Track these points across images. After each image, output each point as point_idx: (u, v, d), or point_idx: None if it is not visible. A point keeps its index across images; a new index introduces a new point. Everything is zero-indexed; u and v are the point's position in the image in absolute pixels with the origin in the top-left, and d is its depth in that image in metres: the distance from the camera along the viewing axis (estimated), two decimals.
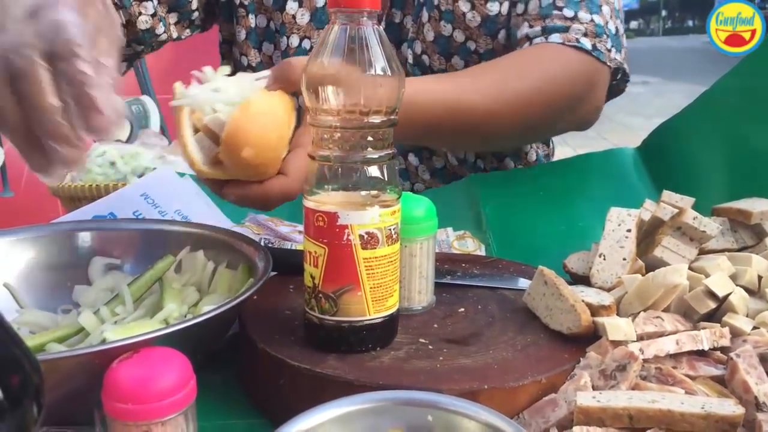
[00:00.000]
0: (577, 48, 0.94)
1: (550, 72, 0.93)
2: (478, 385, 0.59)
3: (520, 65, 0.94)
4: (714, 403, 0.53)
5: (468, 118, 0.88)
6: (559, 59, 0.94)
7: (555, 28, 0.95)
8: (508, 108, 0.91)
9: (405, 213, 0.70)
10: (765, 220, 0.79)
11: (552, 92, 0.94)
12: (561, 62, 0.94)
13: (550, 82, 0.93)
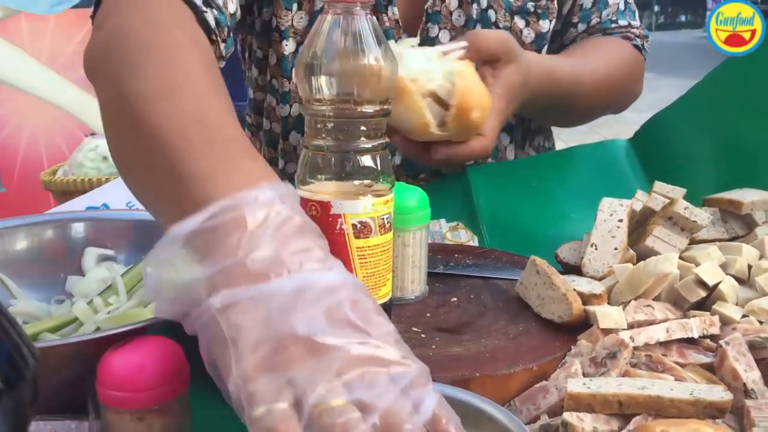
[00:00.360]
0: (634, 45, 1.11)
1: (623, 58, 1.09)
2: (470, 372, 0.60)
3: (605, 49, 1.07)
4: (703, 390, 0.54)
5: (581, 93, 1.00)
6: (625, 49, 1.09)
7: (614, 34, 1.11)
8: (604, 83, 1.04)
9: (398, 203, 0.71)
10: (755, 210, 0.80)
11: (623, 75, 1.08)
12: (627, 52, 1.10)
13: (624, 66, 1.08)
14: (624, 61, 1.10)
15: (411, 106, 0.74)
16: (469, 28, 1.02)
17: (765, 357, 0.62)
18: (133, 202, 0.94)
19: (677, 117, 1.00)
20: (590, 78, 1.00)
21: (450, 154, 0.79)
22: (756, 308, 0.66)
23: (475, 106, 0.75)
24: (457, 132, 0.77)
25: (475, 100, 0.75)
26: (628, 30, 1.10)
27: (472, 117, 0.75)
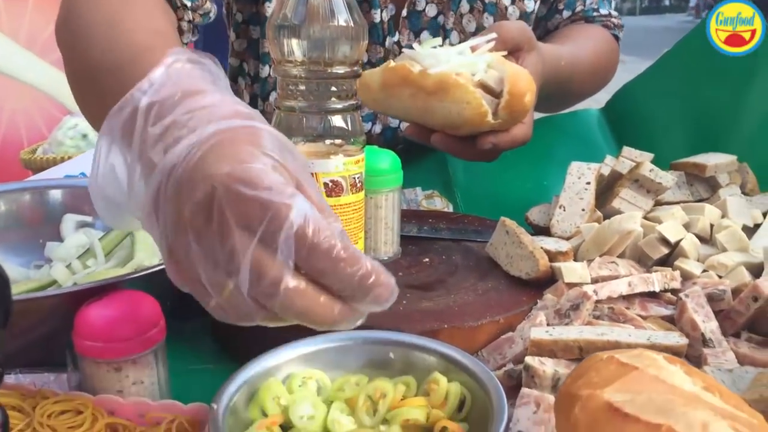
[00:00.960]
0: (612, 33, 1.15)
1: (606, 45, 1.12)
2: (438, 325, 0.61)
3: (591, 37, 1.11)
4: (659, 335, 0.56)
5: (577, 80, 1.02)
6: (606, 37, 1.14)
7: (595, 21, 1.15)
8: (593, 70, 1.07)
9: (370, 165, 0.72)
10: (719, 172, 0.82)
11: (607, 63, 1.12)
12: (608, 41, 1.14)
13: (606, 54, 1.12)
14: (606, 49, 1.13)
15: (464, 98, 0.73)
16: (454, 1, 1.03)
17: (723, 308, 0.64)
18: None
19: (646, 86, 1.02)
20: (584, 66, 1.02)
21: (496, 142, 0.79)
22: (715, 263, 0.68)
23: (527, 90, 0.75)
24: (508, 119, 0.77)
25: (525, 84, 0.75)
26: (608, 19, 1.14)
27: (525, 101, 0.76)
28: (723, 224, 0.73)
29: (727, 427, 0.28)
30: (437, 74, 0.72)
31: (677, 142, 0.95)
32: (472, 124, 0.76)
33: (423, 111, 0.76)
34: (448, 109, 0.74)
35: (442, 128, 0.80)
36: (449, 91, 0.72)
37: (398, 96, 0.75)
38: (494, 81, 0.75)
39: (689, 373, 0.34)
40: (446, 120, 0.77)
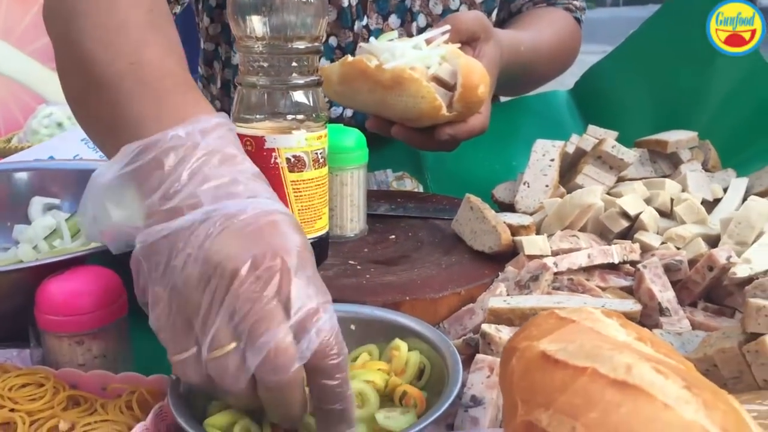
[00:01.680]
0: (574, 18, 1.16)
1: (567, 30, 1.13)
2: (400, 297, 0.62)
3: (552, 21, 1.12)
4: (614, 303, 0.57)
5: (538, 64, 1.04)
6: (568, 21, 1.14)
7: (557, 3, 1.16)
8: (554, 55, 1.08)
9: (335, 143, 0.73)
10: (680, 148, 0.84)
11: (569, 47, 1.13)
12: (570, 24, 1.14)
13: (568, 37, 1.12)
14: (568, 33, 1.14)
15: (419, 93, 0.75)
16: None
17: (680, 278, 0.65)
18: (80, 155, 0.94)
19: (612, 67, 1.03)
20: (545, 50, 1.04)
21: (453, 133, 0.81)
22: (674, 235, 0.70)
23: (480, 82, 0.77)
24: (463, 111, 0.79)
25: (478, 76, 0.77)
26: (570, 2, 1.15)
27: (479, 93, 0.77)
28: (682, 198, 0.74)
29: (649, 369, 0.29)
30: (392, 69, 0.74)
31: (643, 121, 0.97)
32: (428, 117, 0.77)
33: (381, 104, 0.78)
34: (405, 102, 0.76)
35: (401, 121, 0.82)
36: (404, 85, 0.74)
37: (357, 90, 0.76)
38: (448, 74, 0.76)
39: (624, 326, 0.35)
40: (404, 113, 0.78)
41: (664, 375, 0.28)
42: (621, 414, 0.27)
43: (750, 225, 0.66)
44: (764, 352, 0.43)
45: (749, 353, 0.43)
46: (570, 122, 1.05)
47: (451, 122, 0.80)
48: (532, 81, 1.14)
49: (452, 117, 0.78)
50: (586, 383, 0.28)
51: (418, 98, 0.75)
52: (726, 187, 0.80)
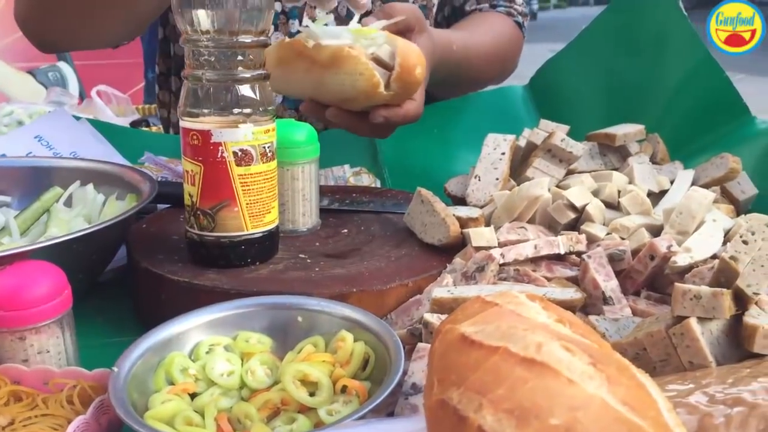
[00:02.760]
0: (515, 22, 1.18)
1: (506, 34, 1.16)
2: (348, 289, 0.63)
3: (490, 25, 1.14)
4: (556, 291, 0.58)
5: (471, 65, 1.06)
6: (507, 25, 1.16)
7: (499, 5, 1.18)
8: (489, 57, 1.10)
9: (286, 138, 0.73)
10: (628, 141, 0.85)
11: (506, 50, 1.15)
12: (509, 28, 1.16)
13: (506, 41, 1.15)
14: (506, 37, 1.16)
15: (357, 69, 0.76)
16: None
17: (624, 268, 0.67)
18: (33, 152, 0.93)
19: (566, 62, 1.04)
20: (478, 51, 1.06)
21: (387, 116, 0.82)
22: (618, 225, 0.71)
23: (417, 64, 0.79)
24: (400, 92, 0.80)
25: (415, 58, 0.78)
26: (512, 6, 1.18)
27: (416, 74, 0.79)
28: (628, 190, 0.75)
29: (558, 347, 0.30)
30: (331, 47, 0.75)
31: (596, 115, 0.98)
32: (365, 96, 0.78)
33: (318, 85, 0.79)
34: (342, 81, 0.77)
35: (337, 102, 0.82)
36: (343, 63, 0.76)
37: (293, 71, 0.77)
38: (387, 55, 0.78)
39: (546, 308, 0.36)
40: (340, 93, 0.79)
41: (571, 352, 0.29)
42: (526, 389, 0.27)
43: (691, 215, 0.68)
44: (689, 334, 0.44)
45: (675, 336, 0.45)
46: (526, 117, 1.07)
47: (386, 105, 0.82)
48: (467, 82, 1.16)
49: (389, 97, 0.80)
50: (497, 362, 0.29)
51: (356, 75, 0.77)
52: (673, 179, 0.82)
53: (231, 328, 0.58)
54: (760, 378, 0.36)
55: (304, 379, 0.53)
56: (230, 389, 0.54)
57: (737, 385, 0.35)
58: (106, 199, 0.80)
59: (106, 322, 0.71)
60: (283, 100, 1.12)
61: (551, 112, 1.03)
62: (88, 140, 0.98)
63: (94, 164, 0.83)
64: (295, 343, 0.58)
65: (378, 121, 0.82)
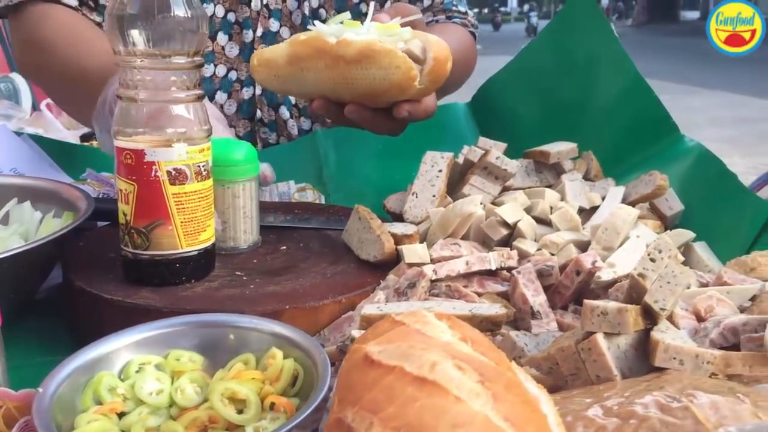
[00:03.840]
0: (469, 32, 1.22)
1: (466, 43, 1.20)
2: (280, 306, 0.64)
3: (451, 35, 1.15)
4: (482, 307, 0.60)
5: None
6: (465, 35, 1.21)
7: (454, 18, 1.22)
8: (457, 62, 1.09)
9: (226, 156, 0.74)
10: (562, 159, 0.88)
11: (468, 55, 1.19)
12: (466, 37, 1.21)
13: (467, 48, 1.18)
14: (465, 46, 1.19)
15: (393, 63, 0.76)
16: None
17: (552, 283, 0.69)
18: (18, 169, 0.94)
19: (506, 81, 1.07)
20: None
21: (411, 110, 0.83)
22: (548, 242, 0.73)
23: (449, 57, 0.80)
24: (428, 86, 0.81)
25: (447, 52, 0.80)
26: (465, 17, 1.22)
27: (447, 67, 0.80)
28: (558, 206, 0.78)
29: (451, 365, 0.31)
30: (360, 42, 0.75)
31: (534, 133, 1.00)
32: (399, 89, 0.79)
33: (341, 81, 0.79)
34: (373, 75, 0.77)
35: (360, 99, 0.82)
36: (375, 57, 0.76)
37: (311, 69, 0.76)
38: (418, 49, 0.79)
39: (452, 327, 0.37)
40: (368, 88, 0.79)
41: (462, 371, 0.31)
42: (415, 408, 0.29)
43: (615, 231, 0.70)
44: (595, 349, 0.46)
45: (583, 351, 0.47)
46: (468, 134, 1.09)
47: (409, 100, 0.82)
48: None
49: (419, 92, 0.80)
50: (391, 381, 0.30)
51: (391, 69, 0.76)
52: (605, 195, 0.85)
53: (162, 346, 0.58)
54: (655, 391, 0.38)
55: (233, 396, 0.53)
56: (159, 408, 0.54)
57: (632, 398, 0.37)
58: (44, 216, 0.79)
59: (41, 341, 0.71)
60: (237, 110, 1.13)
61: (492, 129, 1.05)
62: (30, 157, 0.97)
63: (32, 181, 0.83)
64: (226, 360, 0.58)
65: (402, 116, 0.83)
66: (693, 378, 0.41)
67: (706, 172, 0.85)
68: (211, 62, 1.13)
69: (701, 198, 0.83)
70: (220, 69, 1.13)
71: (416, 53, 0.79)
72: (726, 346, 0.53)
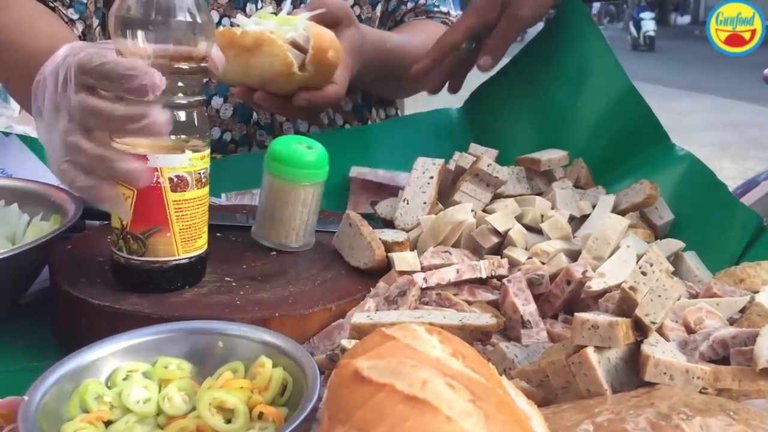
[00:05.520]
0: None
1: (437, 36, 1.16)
2: (270, 313, 0.63)
3: (428, 31, 1.18)
4: (472, 317, 0.60)
5: (407, 64, 1.07)
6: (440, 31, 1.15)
7: (435, 17, 1.24)
8: None
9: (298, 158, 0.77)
10: (553, 166, 0.88)
11: None
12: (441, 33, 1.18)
13: None
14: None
15: (273, 51, 0.84)
16: None
17: (542, 292, 0.69)
18: (11, 173, 0.93)
19: (498, 86, 1.07)
20: (415, 51, 1.08)
21: (309, 98, 0.89)
22: (539, 250, 0.73)
23: (329, 47, 0.86)
24: (316, 74, 0.87)
25: (328, 42, 0.86)
26: (447, 17, 1.23)
27: (329, 56, 0.86)
28: (549, 215, 0.78)
29: (442, 383, 0.31)
30: (255, 32, 0.83)
31: (526, 139, 1.01)
32: (282, 77, 0.86)
33: (244, 69, 0.86)
34: (263, 63, 0.84)
35: (261, 85, 0.89)
36: (263, 46, 0.83)
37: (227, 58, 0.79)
38: (302, 39, 0.86)
39: (443, 341, 0.37)
40: (262, 75, 0.86)
41: (454, 389, 0.31)
42: (406, 427, 0.28)
43: (606, 241, 0.70)
44: (586, 363, 0.46)
45: (574, 365, 0.47)
46: (460, 139, 1.09)
47: (308, 89, 0.89)
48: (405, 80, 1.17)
49: (306, 79, 0.87)
50: (382, 399, 0.30)
51: (273, 57, 0.84)
52: (596, 203, 0.85)
53: (150, 353, 0.58)
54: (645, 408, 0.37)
55: (221, 405, 0.53)
56: (146, 416, 0.54)
57: (623, 414, 0.37)
58: (31, 219, 0.79)
59: (27, 346, 0.70)
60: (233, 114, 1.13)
61: (484, 135, 1.05)
62: (18, 157, 0.96)
63: (20, 183, 0.82)
64: (215, 368, 0.58)
65: (300, 104, 0.90)
66: (683, 394, 0.41)
67: (697, 182, 0.85)
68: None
69: (691, 207, 0.83)
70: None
71: (300, 43, 0.86)
72: (715, 359, 0.53)
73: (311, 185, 0.78)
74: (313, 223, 0.80)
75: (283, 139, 0.79)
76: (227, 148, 1.15)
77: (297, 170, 0.77)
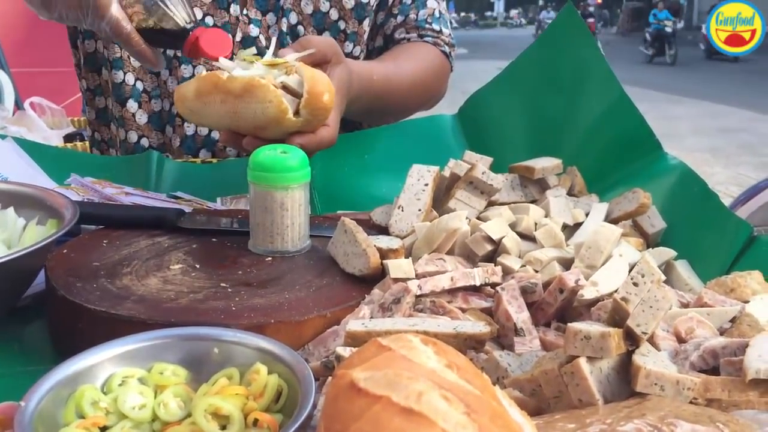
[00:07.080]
0: (442, 51, 1.23)
1: (431, 63, 1.21)
2: (265, 320, 0.64)
3: (415, 54, 1.20)
4: (466, 325, 0.60)
5: (395, 93, 1.11)
6: (433, 54, 1.22)
7: (427, 36, 1.23)
8: (414, 86, 1.16)
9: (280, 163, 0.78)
10: (546, 174, 0.89)
11: (431, 78, 1.21)
12: (434, 57, 1.22)
13: (431, 70, 1.21)
14: (432, 67, 1.21)
15: (266, 97, 0.80)
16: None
17: (535, 300, 0.69)
18: (7, 176, 0.93)
19: (493, 94, 1.08)
20: (401, 80, 1.11)
21: (302, 143, 0.86)
22: (532, 258, 0.74)
23: (325, 90, 0.83)
24: (309, 118, 0.84)
25: (322, 85, 0.83)
26: (439, 36, 1.23)
27: (324, 100, 0.83)
28: (542, 223, 0.78)
29: (438, 396, 0.31)
30: (243, 77, 0.79)
31: (521, 147, 1.02)
32: (276, 123, 0.83)
33: (233, 115, 0.82)
34: (254, 109, 0.81)
35: (252, 131, 0.86)
36: (254, 92, 0.80)
37: (211, 102, 0.80)
38: (295, 83, 0.83)
39: (438, 353, 0.37)
40: (254, 121, 0.83)
41: (449, 401, 0.31)
42: None
43: (599, 249, 0.71)
44: (578, 373, 0.46)
45: (566, 374, 0.47)
46: (455, 145, 1.09)
47: (300, 133, 0.86)
48: (392, 110, 1.20)
49: (300, 124, 0.84)
50: (378, 411, 0.31)
51: (266, 103, 0.81)
52: (589, 211, 0.85)
53: (146, 359, 0.58)
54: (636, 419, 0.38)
55: (216, 412, 0.53)
56: (141, 422, 0.54)
57: (614, 424, 0.38)
58: (27, 223, 0.79)
59: (23, 350, 0.70)
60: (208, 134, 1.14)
61: (479, 142, 1.06)
62: (13, 160, 0.96)
63: (16, 187, 0.82)
64: (210, 374, 0.58)
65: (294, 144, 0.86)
66: (674, 405, 0.42)
67: (689, 191, 0.86)
68: (189, 63, 1.13)
69: (683, 216, 0.84)
70: (200, 71, 1.13)
71: (293, 87, 0.83)
72: (705, 369, 0.54)
73: (296, 187, 0.79)
74: (305, 225, 0.81)
75: (260, 150, 0.79)
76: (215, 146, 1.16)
77: (279, 174, 0.77)
